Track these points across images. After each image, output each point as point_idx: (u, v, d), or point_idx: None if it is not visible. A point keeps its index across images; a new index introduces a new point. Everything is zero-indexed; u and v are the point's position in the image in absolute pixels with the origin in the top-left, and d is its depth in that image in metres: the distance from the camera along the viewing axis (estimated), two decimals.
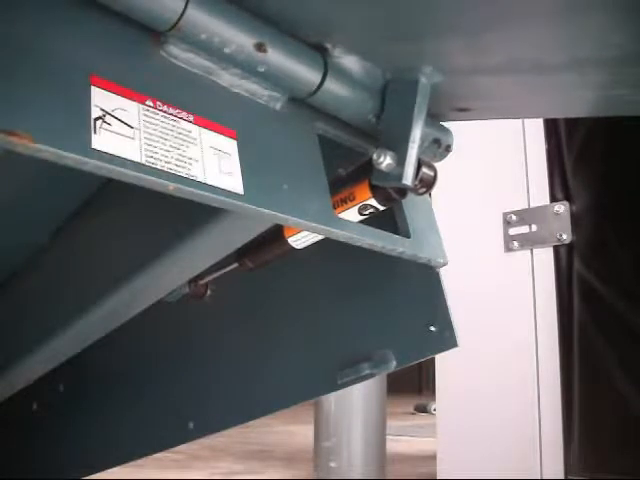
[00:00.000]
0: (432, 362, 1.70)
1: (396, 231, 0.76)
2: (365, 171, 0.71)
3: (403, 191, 0.72)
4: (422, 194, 0.72)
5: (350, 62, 0.67)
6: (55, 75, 0.49)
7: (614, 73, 0.71)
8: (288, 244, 0.82)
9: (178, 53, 0.58)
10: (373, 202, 0.73)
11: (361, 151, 0.75)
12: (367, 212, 0.74)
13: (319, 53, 0.65)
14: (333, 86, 0.66)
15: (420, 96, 0.68)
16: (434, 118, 0.76)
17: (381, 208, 0.74)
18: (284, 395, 0.95)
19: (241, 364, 1.03)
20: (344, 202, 0.74)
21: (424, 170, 0.69)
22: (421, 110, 0.68)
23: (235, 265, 0.92)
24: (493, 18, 0.62)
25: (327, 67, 0.65)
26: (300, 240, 0.81)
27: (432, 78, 0.69)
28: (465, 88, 0.74)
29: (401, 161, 0.66)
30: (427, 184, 0.71)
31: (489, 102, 0.79)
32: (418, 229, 0.78)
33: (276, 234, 0.83)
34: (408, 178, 0.67)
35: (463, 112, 0.78)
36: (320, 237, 0.80)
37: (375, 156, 0.67)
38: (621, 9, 0.59)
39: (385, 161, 0.66)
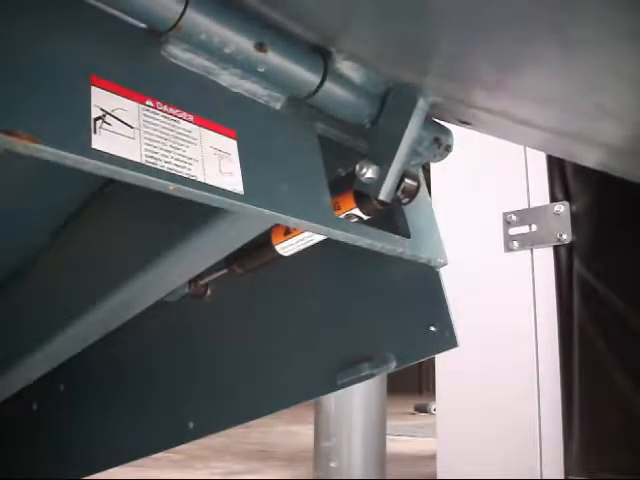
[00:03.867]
0: (432, 362, 1.70)
1: (396, 231, 0.76)
2: (350, 181, 0.71)
3: (386, 202, 0.72)
4: (405, 204, 0.73)
5: (351, 67, 0.67)
6: (55, 75, 0.49)
7: (607, 151, 0.73)
8: (276, 251, 0.83)
9: (178, 53, 0.58)
10: (357, 212, 0.74)
11: (361, 151, 0.75)
12: (352, 222, 0.74)
13: (319, 54, 0.65)
14: (332, 88, 0.66)
15: (415, 116, 0.68)
16: (435, 118, 0.76)
17: (365, 218, 0.74)
18: (284, 395, 0.95)
19: (241, 364, 1.03)
20: None
21: (407, 181, 0.70)
22: (413, 130, 0.68)
23: (225, 271, 0.92)
24: (489, 77, 0.63)
25: (327, 69, 0.65)
26: (287, 247, 0.82)
27: (431, 99, 0.69)
28: (465, 111, 0.74)
29: (383, 176, 0.67)
30: (409, 195, 0.71)
31: (489, 126, 0.79)
32: (418, 229, 0.78)
33: (264, 241, 0.83)
34: (385, 194, 0.67)
35: (464, 124, 0.78)
36: (311, 243, 0.80)
37: (358, 167, 0.67)
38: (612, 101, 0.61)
39: (367, 174, 0.67)
